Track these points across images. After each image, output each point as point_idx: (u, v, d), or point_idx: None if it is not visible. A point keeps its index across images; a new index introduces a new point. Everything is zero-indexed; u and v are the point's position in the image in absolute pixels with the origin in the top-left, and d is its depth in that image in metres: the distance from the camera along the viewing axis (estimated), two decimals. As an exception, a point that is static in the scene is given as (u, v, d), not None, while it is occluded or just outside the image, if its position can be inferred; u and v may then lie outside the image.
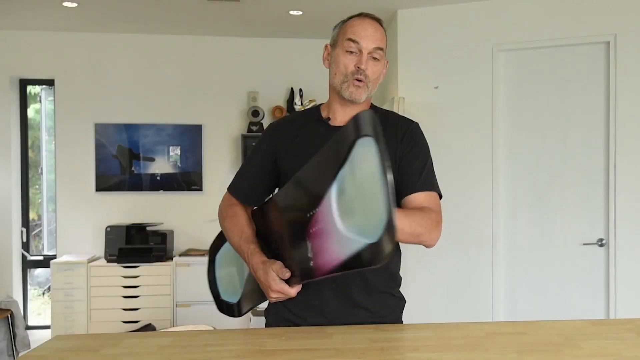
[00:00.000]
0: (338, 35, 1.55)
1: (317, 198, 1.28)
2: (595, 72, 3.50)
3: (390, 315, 1.55)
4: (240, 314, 1.67)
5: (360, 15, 1.54)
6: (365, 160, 1.20)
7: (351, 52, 1.50)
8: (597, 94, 3.50)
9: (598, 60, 3.50)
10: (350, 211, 1.22)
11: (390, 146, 1.53)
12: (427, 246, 1.45)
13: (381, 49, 1.51)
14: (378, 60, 1.51)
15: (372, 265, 1.17)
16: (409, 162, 1.52)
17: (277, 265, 1.38)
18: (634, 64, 3.39)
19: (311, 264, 1.28)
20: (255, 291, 1.58)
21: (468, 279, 3.75)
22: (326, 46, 1.60)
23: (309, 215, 1.29)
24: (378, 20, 1.55)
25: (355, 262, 1.19)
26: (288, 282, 1.37)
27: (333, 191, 1.25)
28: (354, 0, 3.73)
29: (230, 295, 1.70)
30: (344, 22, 1.56)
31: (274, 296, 1.39)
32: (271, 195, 1.60)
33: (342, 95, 1.52)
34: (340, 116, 1.57)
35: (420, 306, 3.70)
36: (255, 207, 1.64)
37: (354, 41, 1.49)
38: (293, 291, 1.37)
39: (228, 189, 1.66)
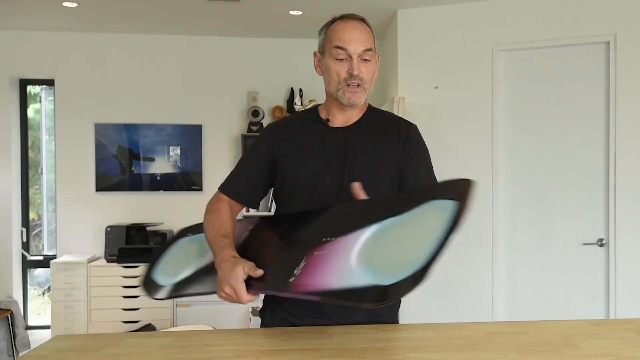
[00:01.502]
0: (325, 42, 1.53)
1: (344, 230, 1.24)
2: (595, 72, 3.50)
3: (387, 315, 1.56)
4: (156, 297, 1.55)
5: (343, 18, 1.52)
6: (427, 218, 1.15)
7: (341, 59, 1.49)
8: (597, 94, 3.50)
9: (598, 60, 3.50)
10: (373, 253, 1.16)
11: (392, 149, 1.54)
12: None
13: (370, 49, 1.50)
14: (369, 60, 1.50)
15: (361, 304, 1.10)
16: (414, 169, 1.54)
17: (250, 264, 1.31)
18: (634, 64, 3.39)
19: (291, 279, 1.21)
20: (199, 283, 1.50)
21: (468, 279, 3.75)
22: (315, 54, 1.58)
23: (323, 240, 1.26)
24: (362, 19, 1.53)
25: (348, 295, 1.10)
26: (247, 287, 1.30)
27: (367, 231, 1.20)
28: (354, 0, 3.73)
29: (162, 277, 1.60)
30: (327, 26, 1.54)
31: (227, 291, 1.29)
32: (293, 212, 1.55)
33: (341, 101, 1.52)
34: (340, 118, 1.57)
35: (420, 306, 3.70)
36: (249, 208, 1.65)
37: (341, 48, 1.48)
38: (246, 298, 1.28)
39: (219, 188, 1.63)
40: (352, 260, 1.15)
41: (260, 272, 1.29)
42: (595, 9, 3.49)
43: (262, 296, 1.63)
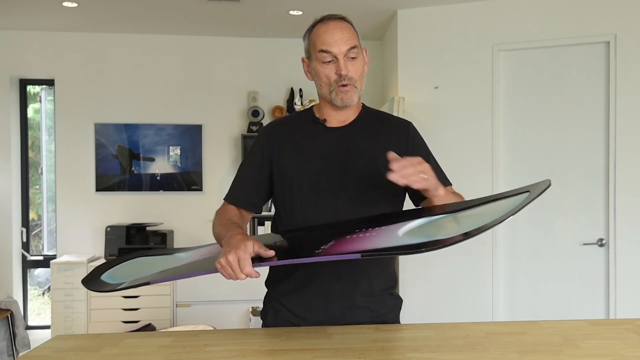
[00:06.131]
0: (310, 47, 1.55)
1: (385, 223, 1.31)
2: (595, 72, 3.50)
3: (390, 314, 1.57)
4: (103, 289, 1.44)
5: (323, 20, 1.53)
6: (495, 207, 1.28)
7: (328, 62, 1.49)
8: (597, 94, 3.50)
9: (598, 60, 3.49)
10: (424, 229, 1.22)
11: (393, 147, 1.55)
12: None
13: (354, 46, 1.50)
14: (355, 58, 1.51)
15: (402, 253, 1.14)
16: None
17: (261, 244, 1.27)
18: (634, 64, 3.39)
19: (318, 250, 1.20)
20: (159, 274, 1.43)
21: (468, 279, 3.74)
22: (303, 60, 1.59)
23: (356, 230, 1.29)
24: (342, 18, 1.54)
25: (387, 250, 1.16)
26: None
27: (419, 220, 1.28)
28: (353, 1, 3.73)
29: (114, 279, 1.48)
30: (309, 31, 1.55)
31: (230, 259, 1.21)
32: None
33: (335, 103, 1.53)
34: (335, 119, 1.58)
35: (420, 306, 3.70)
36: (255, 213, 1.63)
37: (326, 51, 1.48)
38: (248, 269, 1.21)
39: (224, 198, 1.62)
40: (399, 234, 1.21)
41: (271, 252, 1.24)
42: (595, 9, 3.49)
43: (261, 295, 1.63)
